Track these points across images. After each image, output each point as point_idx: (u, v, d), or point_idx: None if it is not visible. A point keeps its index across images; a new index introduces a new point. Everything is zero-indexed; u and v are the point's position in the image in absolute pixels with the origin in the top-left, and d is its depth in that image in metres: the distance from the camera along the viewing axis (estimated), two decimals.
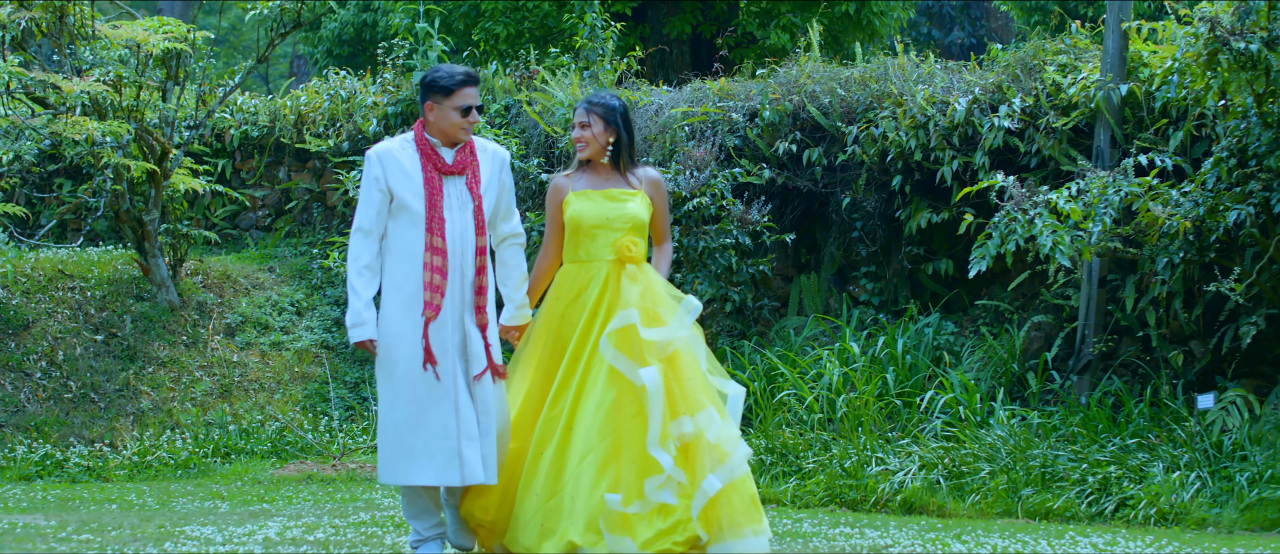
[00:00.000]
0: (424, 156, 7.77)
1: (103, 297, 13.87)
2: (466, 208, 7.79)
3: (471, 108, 7.75)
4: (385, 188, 7.73)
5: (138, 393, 13.17)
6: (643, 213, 7.96)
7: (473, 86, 7.79)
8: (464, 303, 7.79)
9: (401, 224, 7.78)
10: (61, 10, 11.99)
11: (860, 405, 11.23)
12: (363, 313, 7.68)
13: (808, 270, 13.36)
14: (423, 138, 7.82)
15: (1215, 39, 9.42)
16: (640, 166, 8.20)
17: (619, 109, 8.04)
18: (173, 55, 13.05)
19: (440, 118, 7.77)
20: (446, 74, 7.78)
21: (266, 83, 33.22)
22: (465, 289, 7.78)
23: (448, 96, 7.74)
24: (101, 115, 12.56)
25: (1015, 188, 10.27)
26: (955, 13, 33.29)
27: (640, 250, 7.86)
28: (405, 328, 7.66)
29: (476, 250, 7.78)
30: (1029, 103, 11.73)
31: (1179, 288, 10.93)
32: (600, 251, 7.93)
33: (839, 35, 18.92)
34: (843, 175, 12.86)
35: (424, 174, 7.75)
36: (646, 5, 18.94)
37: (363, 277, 7.76)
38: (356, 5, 22.74)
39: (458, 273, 7.75)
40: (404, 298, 7.70)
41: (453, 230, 7.73)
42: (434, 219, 7.70)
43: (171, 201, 13.83)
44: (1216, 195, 9.82)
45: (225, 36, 33.57)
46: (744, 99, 13.34)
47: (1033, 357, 11.68)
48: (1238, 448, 9.81)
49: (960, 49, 30.34)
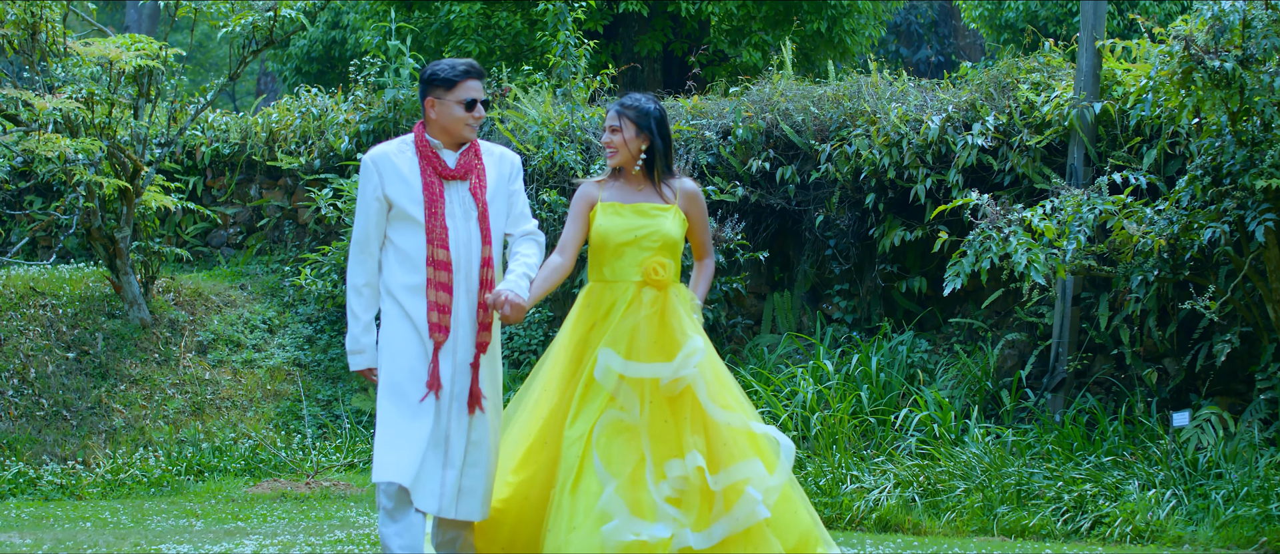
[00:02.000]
0: (424, 160, 7.22)
1: (75, 314, 13.82)
2: (470, 216, 7.22)
3: (476, 102, 7.23)
4: (382, 196, 7.18)
5: (110, 410, 13.12)
6: (675, 230, 7.34)
7: (476, 79, 7.28)
8: (470, 320, 7.21)
9: (401, 233, 7.21)
10: (33, 27, 11.94)
11: (835, 423, 11.24)
12: (361, 338, 7.26)
13: (781, 288, 13.37)
14: (423, 139, 7.27)
15: (1190, 57, 9.45)
16: (676, 178, 7.56)
17: (654, 113, 7.47)
18: (144, 73, 13.02)
19: (442, 114, 7.23)
20: (448, 66, 7.27)
21: (233, 100, 33.15)
22: (472, 305, 7.21)
23: (449, 90, 7.20)
24: (73, 132, 12.51)
25: (989, 206, 10.28)
26: (924, 31, 33.38)
27: (669, 273, 7.26)
28: (408, 343, 7.12)
29: (482, 261, 7.23)
30: (1002, 121, 11.76)
31: (1153, 306, 10.97)
32: (626, 271, 7.33)
33: (811, 53, 18.94)
34: (816, 193, 12.87)
35: (423, 179, 7.19)
36: (618, 24, 18.93)
37: (361, 297, 7.27)
38: (325, 23, 22.70)
39: (463, 287, 7.18)
40: (406, 312, 7.15)
41: (457, 240, 7.16)
42: (436, 229, 7.16)
43: (143, 219, 13.80)
44: (1191, 213, 9.85)
45: (194, 53, 33.48)
46: (717, 117, 13.36)
47: (1007, 374, 11.71)
48: (1213, 465, 9.85)
49: (929, 67, 30.44)
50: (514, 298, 7.09)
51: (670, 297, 7.26)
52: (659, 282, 7.24)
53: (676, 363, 7.09)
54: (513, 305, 7.08)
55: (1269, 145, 9.56)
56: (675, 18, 18.82)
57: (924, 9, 33.26)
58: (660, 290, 7.26)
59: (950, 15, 31.71)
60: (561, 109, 13.60)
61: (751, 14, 18.12)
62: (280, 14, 12.86)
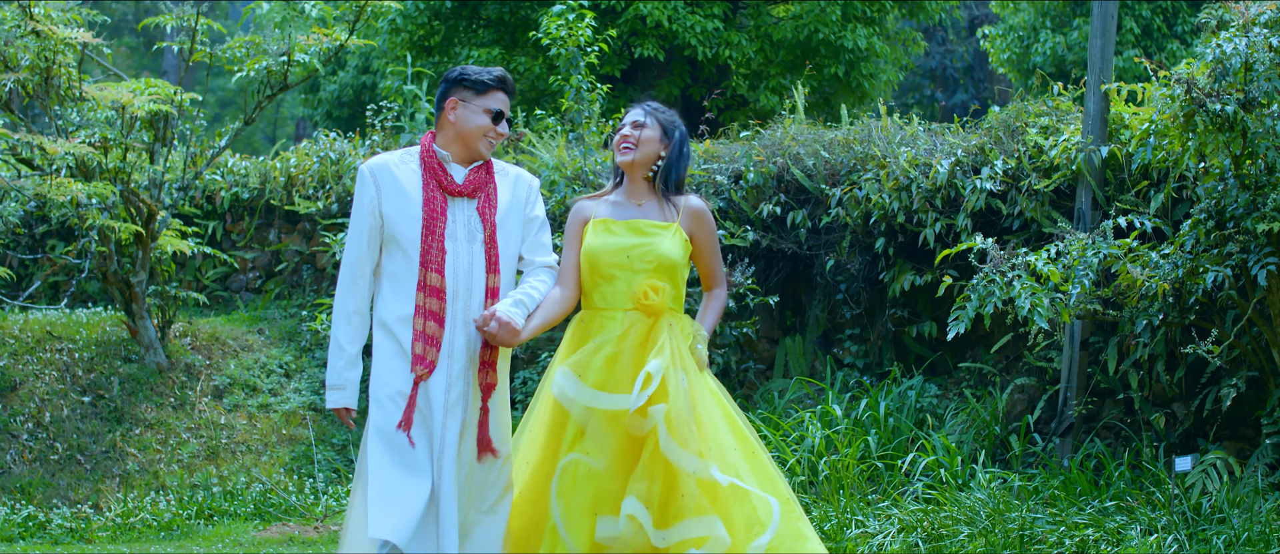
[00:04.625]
0: (429, 172, 6.51)
1: (91, 358, 13.85)
2: (475, 238, 6.53)
3: (503, 115, 6.56)
4: (377, 211, 6.50)
5: (124, 454, 13.14)
6: (674, 251, 6.66)
7: (507, 93, 6.61)
8: (469, 356, 6.52)
9: (395, 257, 6.52)
10: (47, 72, 12.01)
11: (842, 468, 11.20)
12: (345, 372, 6.56)
13: (793, 333, 13.34)
14: (430, 150, 6.56)
15: (1192, 100, 9.43)
16: (683, 195, 6.91)
17: (681, 129, 6.94)
18: (160, 117, 13.06)
19: (463, 118, 6.52)
20: (481, 69, 6.58)
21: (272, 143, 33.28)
22: (471, 340, 6.52)
23: (479, 95, 6.53)
24: (88, 176, 12.56)
25: (994, 250, 10.25)
26: (959, 76, 33.38)
27: (663, 298, 6.58)
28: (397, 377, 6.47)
29: (487, 292, 6.53)
30: (1011, 165, 11.73)
31: (1161, 350, 10.92)
32: (618, 298, 6.67)
33: (831, 98, 18.98)
34: (827, 238, 12.86)
35: (425, 193, 6.47)
36: (636, 68, 19.01)
37: (349, 326, 6.57)
38: (355, 68, 22.84)
39: (459, 318, 6.51)
40: (401, 346, 6.48)
41: (455, 265, 6.47)
42: (431, 250, 6.44)
43: (159, 263, 13.84)
44: (1196, 257, 9.81)
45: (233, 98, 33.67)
46: (729, 161, 13.36)
47: (1016, 419, 11.66)
48: (1216, 511, 9.78)
49: (965, 112, 30.47)
50: (505, 317, 6.44)
51: (660, 325, 6.60)
52: (650, 307, 6.58)
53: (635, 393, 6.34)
54: (501, 323, 6.41)
55: (1271, 189, 9.52)
56: (693, 62, 18.87)
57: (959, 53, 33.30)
58: (652, 317, 6.60)
59: (985, 60, 31.77)
60: (574, 153, 13.62)
61: (769, 58, 18.16)
62: (294, 58, 12.89)
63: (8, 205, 12.79)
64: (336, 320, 6.60)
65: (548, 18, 13.34)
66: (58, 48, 11.86)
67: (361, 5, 12.62)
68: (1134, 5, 21.71)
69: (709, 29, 17.73)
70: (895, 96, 33.87)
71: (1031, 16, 23.05)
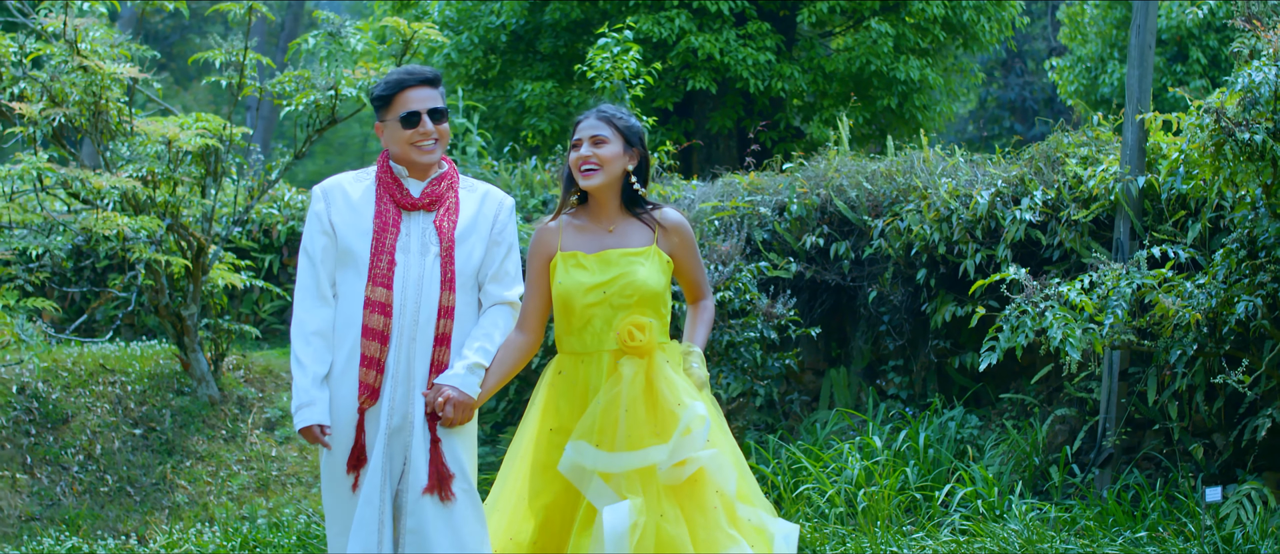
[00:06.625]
0: (382, 186, 6.11)
1: (143, 391, 13.99)
2: (429, 251, 6.03)
3: (420, 115, 6.02)
4: (328, 226, 6.09)
5: (174, 487, 13.24)
6: (654, 279, 5.96)
7: (419, 88, 6.07)
8: (412, 379, 6.00)
9: (347, 276, 6.07)
10: (96, 107, 12.14)
11: (880, 499, 11.18)
12: (311, 391, 5.99)
13: (838, 364, 13.33)
14: (385, 165, 6.15)
15: (1221, 130, 9.37)
16: (657, 208, 6.18)
17: (638, 127, 6.19)
18: (211, 151, 13.18)
19: (388, 138, 6.11)
20: (385, 80, 6.13)
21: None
22: (416, 361, 5.99)
23: (388, 108, 6.07)
24: (138, 210, 12.69)
25: (1026, 280, 10.22)
26: (1038, 107, 33.27)
27: (650, 335, 5.86)
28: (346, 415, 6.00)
29: (440, 311, 5.99)
30: (1051, 195, 11.68)
31: (1200, 381, 10.85)
32: (600, 341, 5.95)
33: (885, 129, 18.97)
34: (871, 269, 12.85)
35: (377, 207, 6.05)
36: (690, 101, 19.05)
37: (310, 346, 6.04)
38: None
39: (405, 338, 5.99)
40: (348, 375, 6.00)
41: (404, 279, 5.99)
42: (378, 264, 5.97)
43: (211, 297, 13.96)
44: (1229, 287, 9.74)
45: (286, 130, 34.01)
46: (773, 192, 13.37)
47: (1057, 450, 11.60)
48: (1248, 541, 9.70)
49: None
50: (458, 395, 5.89)
51: (656, 363, 5.91)
52: (637, 348, 5.86)
53: (675, 442, 5.74)
54: (456, 405, 5.88)
55: None
56: (746, 95, 18.90)
57: (1038, 86, 33.19)
58: (642, 357, 5.89)
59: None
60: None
61: (823, 90, 18.17)
62: (341, 93, 13.00)
63: (55, 239, 12.93)
64: (295, 341, 6.10)
65: (593, 51, 13.39)
66: (105, 83, 11.96)
67: (407, 38, 12.69)
68: (1201, 36, 21.59)
69: (761, 61, 17.76)
70: (973, 127, 33.80)
71: (1099, 48, 22.97)
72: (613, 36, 13.49)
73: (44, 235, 12.82)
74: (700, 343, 6.21)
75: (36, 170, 11.66)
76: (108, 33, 12.34)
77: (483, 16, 18.47)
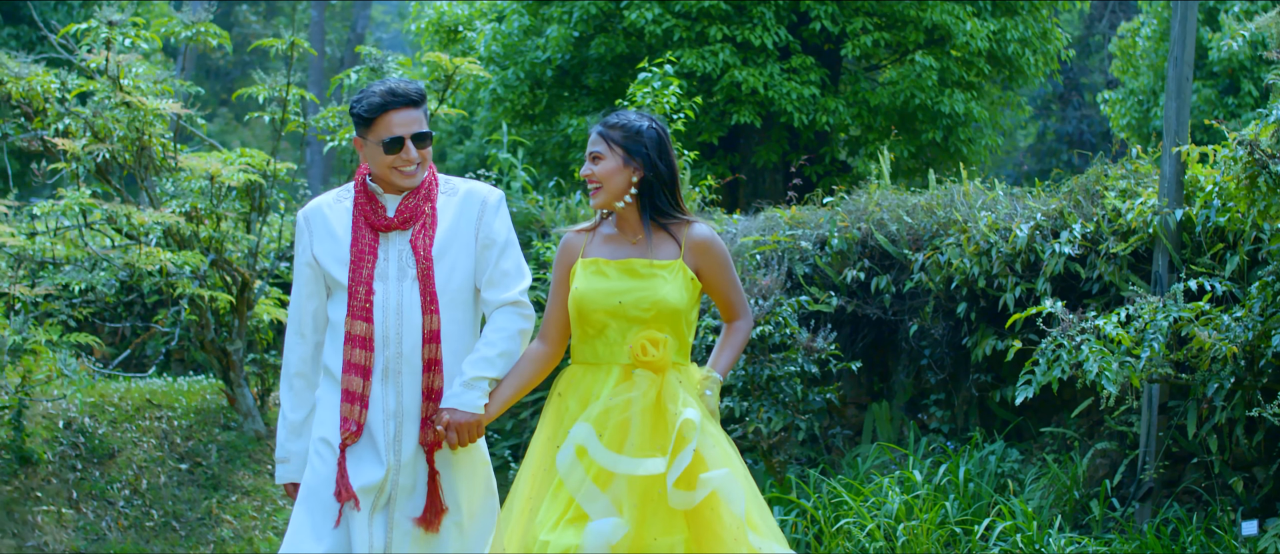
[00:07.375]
0: (358, 209, 5.75)
1: (189, 425, 14.07)
2: (407, 274, 5.70)
3: (404, 140, 5.63)
4: (311, 258, 5.79)
5: (220, 521, 13.31)
6: (675, 296, 5.65)
7: (403, 109, 5.66)
8: (402, 413, 5.69)
9: (335, 304, 5.77)
10: (140, 143, 12.24)
11: (920, 534, 11.15)
12: (287, 444, 5.88)
13: (880, 398, 13.31)
14: (362, 184, 5.81)
15: (1254, 162, 9.34)
16: (690, 223, 5.84)
17: (648, 134, 5.80)
18: (255, 186, 13.26)
19: (368, 157, 5.74)
20: (365, 97, 5.70)
21: None
22: (405, 394, 5.69)
23: (370, 128, 5.68)
24: (182, 245, 12.77)
25: (1062, 314, 10.19)
26: (1097, 141, 33.20)
27: (665, 352, 5.54)
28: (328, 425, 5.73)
29: (425, 336, 5.67)
30: (1090, 229, 11.65)
31: (1240, 414, 10.78)
32: (613, 352, 5.69)
33: (932, 163, 18.97)
34: (912, 303, 12.83)
35: (354, 233, 5.71)
36: (736, 135, 19.08)
37: (291, 391, 5.87)
38: (481, 138, 23.09)
39: (391, 370, 5.69)
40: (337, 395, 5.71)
41: (384, 306, 5.67)
42: (356, 296, 5.65)
43: (257, 331, 14.03)
44: (1266, 320, 9.70)
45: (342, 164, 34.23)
46: (814, 227, 13.37)
47: (1097, 484, 11.55)
48: None
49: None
50: (461, 419, 5.60)
51: (669, 383, 5.59)
52: (650, 363, 5.53)
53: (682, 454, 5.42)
54: (460, 429, 5.60)
55: None
56: (791, 128, 18.92)
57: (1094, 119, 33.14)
58: (655, 373, 5.58)
59: None
60: None
61: (868, 124, 18.18)
62: None
63: (99, 274, 13.03)
64: (282, 384, 5.92)
65: (634, 85, 13.43)
66: (148, 118, 12.06)
67: (448, 74, 12.76)
68: (1253, 69, 21.52)
69: (805, 95, 17.79)
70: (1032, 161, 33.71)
71: (1150, 80, 22.91)
72: (653, 71, 13.52)
73: (88, 271, 12.91)
74: (724, 367, 5.86)
75: (80, 206, 11.75)
76: (150, 69, 12.44)
77: (529, 52, 18.57)
